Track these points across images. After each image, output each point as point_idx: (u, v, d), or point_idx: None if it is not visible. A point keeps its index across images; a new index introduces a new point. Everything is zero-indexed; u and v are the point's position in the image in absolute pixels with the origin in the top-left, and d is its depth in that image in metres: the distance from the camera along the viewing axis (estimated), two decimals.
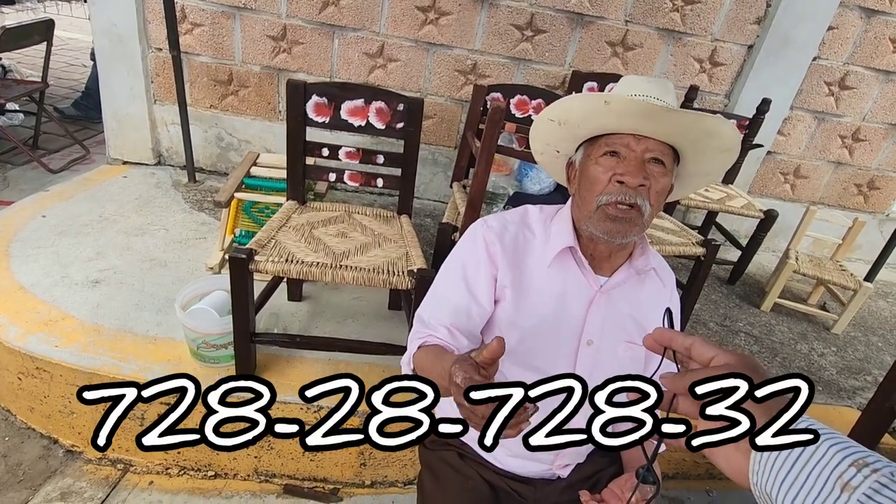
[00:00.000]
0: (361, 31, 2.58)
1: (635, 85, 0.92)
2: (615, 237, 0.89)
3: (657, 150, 0.88)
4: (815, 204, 3.16)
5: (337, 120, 1.64)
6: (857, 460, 0.38)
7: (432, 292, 1.01)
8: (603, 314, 0.97)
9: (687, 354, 0.51)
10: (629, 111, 0.84)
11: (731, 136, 0.86)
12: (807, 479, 0.39)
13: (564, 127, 0.93)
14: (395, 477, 1.67)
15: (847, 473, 0.38)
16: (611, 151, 0.89)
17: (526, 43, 2.64)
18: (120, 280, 1.90)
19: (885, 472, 0.37)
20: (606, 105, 0.84)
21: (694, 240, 2.01)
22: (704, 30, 2.67)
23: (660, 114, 0.83)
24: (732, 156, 0.91)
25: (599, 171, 0.89)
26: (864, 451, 0.39)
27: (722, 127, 0.85)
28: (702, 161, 0.93)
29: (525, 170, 2.03)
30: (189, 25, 2.53)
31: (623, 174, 0.87)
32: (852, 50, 2.76)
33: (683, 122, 0.84)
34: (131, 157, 2.79)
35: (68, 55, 5.44)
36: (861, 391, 2.11)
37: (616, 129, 0.89)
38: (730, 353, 0.48)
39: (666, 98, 0.90)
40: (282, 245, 1.46)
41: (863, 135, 2.99)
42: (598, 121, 0.89)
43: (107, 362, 1.54)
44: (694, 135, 0.87)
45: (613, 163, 0.89)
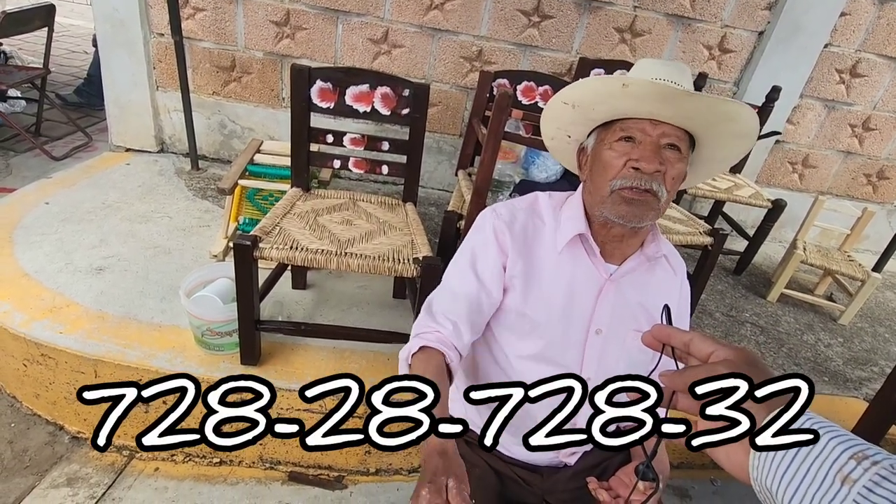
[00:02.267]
0: (365, 17, 2.55)
1: (652, 68, 0.90)
2: (631, 220, 0.87)
3: (673, 135, 0.86)
4: (823, 194, 3.12)
5: (342, 106, 1.62)
6: (856, 453, 0.38)
7: (443, 283, 0.99)
8: (612, 303, 0.96)
9: (686, 350, 0.51)
10: (647, 94, 0.82)
11: (749, 119, 0.84)
12: (807, 473, 0.38)
13: (578, 110, 0.91)
14: (399, 464, 1.68)
15: (847, 466, 0.37)
16: (626, 137, 0.87)
17: (532, 29, 2.60)
18: (124, 267, 1.89)
19: (884, 465, 0.36)
20: (624, 88, 0.82)
21: (701, 229, 1.99)
22: (714, 16, 2.62)
23: (678, 97, 0.81)
24: (750, 141, 0.89)
25: (614, 157, 0.88)
26: (864, 444, 0.38)
27: (742, 110, 0.83)
28: (718, 146, 0.91)
29: (531, 157, 2.01)
30: (191, 10, 2.50)
31: (639, 160, 0.85)
32: (864, 37, 2.71)
33: (702, 105, 0.82)
34: (134, 144, 2.77)
35: (70, 42, 5.40)
36: (868, 382, 2.10)
37: (633, 113, 0.87)
38: (729, 347, 0.47)
39: (683, 82, 0.88)
40: (286, 232, 1.45)
41: (873, 124, 2.95)
42: (614, 104, 0.86)
43: (111, 349, 1.53)
44: (712, 118, 0.84)
45: (629, 148, 0.87)
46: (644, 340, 0.54)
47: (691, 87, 0.89)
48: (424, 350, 0.87)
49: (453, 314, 0.91)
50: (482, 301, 0.94)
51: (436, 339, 0.88)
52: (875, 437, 1.56)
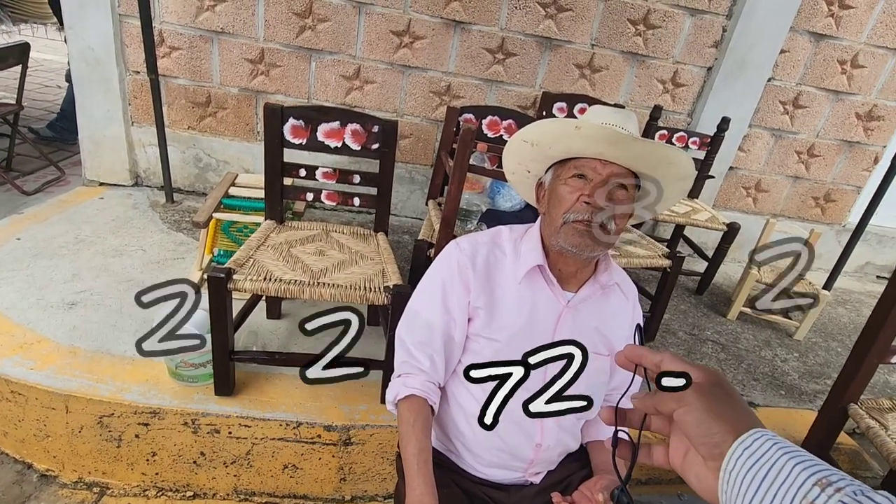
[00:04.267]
0: (338, 55, 2.65)
1: (603, 114, 1.01)
2: (584, 250, 0.96)
3: (621, 174, 0.96)
4: (776, 216, 3.31)
5: (314, 142, 1.69)
6: (820, 479, 0.39)
7: (413, 313, 1.06)
8: (570, 328, 1.04)
9: (657, 370, 0.52)
10: (597, 136, 0.92)
11: (686, 164, 0.96)
12: (773, 498, 0.39)
13: (537, 148, 1.01)
14: (374, 491, 1.69)
15: (812, 493, 0.38)
16: (579, 174, 0.97)
17: (498, 65, 2.75)
18: (97, 301, 1.90)
19: (847, 492, 0.37)
20: (577, 130, 0.92)
21: (660, 252, 2.10)
22: (666, 53, 2.81)
23: (624, 140, 0.91)
24: (688, 183, 1.00)
25: (568, 191, 0.97)
26: (829, 470, 0.40)
27: (679, 156, 0.94)
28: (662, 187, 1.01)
29: (497, 187, 2.10)
30: (167, 49, 2.57)
31: (590, 195, 0.94)
32: (804, 71, 2.94)
33: (644, 149, 0.93)
34: (108, 178, 2.79)
35: (43, 76, 5.39)
36: (821, 395, 2.21)
37: (584, 152, 0.97)
38: (698, 368, 0.49)
39: (628, 127, 0.99)
40: (260, 264, 1.49)
41: (817, 150, 3.16)
42: (569, 144, 0.96)
43: (83, 384, 1.54)
44: (654, 161, 0.95)
45: (581, 184, 0.97)
46: (618, 361, 0.56)
47: (637, 133, 1.00)
48: (410, 399, 0.99)
49: (429, 347, 1.01)
50: (453, 333, 1.03)
51: (419, 384, 1.00)
52: (825, 446, 1.65)
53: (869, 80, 2.98)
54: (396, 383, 1.02)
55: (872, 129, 3.12)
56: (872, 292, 3.40)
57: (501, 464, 1.08)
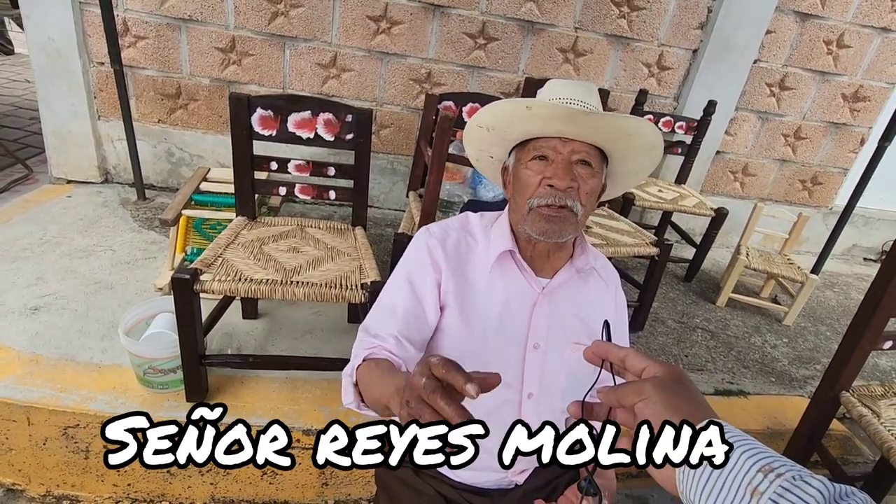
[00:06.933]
0: (313, 42, 2.55)
1: (558, 89, 0.94)
2: (551, 237, 0.90)
3: (583, 151, 0.89)
4: (763, 200, 3.28)
5: (284, 133, 1.60)
6: (763, 466, 0.41)
7: (378, 304, 0.99)
8: (547, 316, 0.98)
9: (622, 366, 0.55)
10: (550, 115, 0.85)
11: (649, 133, 0.88)
12: (723, 487, 0.42)
13: (494, 133, 0.95)
14: (358, 494, 1.64)
15: (755, 479, 0.41)
16: (539, 156, 0.91)
17: (479, 51, 2.66)
18: (62, 306, 1.81)
19: (787, 477, 0.40)
20: (529, 110, 0.85)
21: (647, 240, 2.06)
22: (651, 35, 2.74)
23: (579, 116, 0.84)
24: (657, 153, 0.93)
25: (529, 175, 0.91)
26: (773, 457, 0.42)
27: (641, 126, 0.87)
28: (628, 159, 0.95)
29: (478, 177, 2.04)
30: (132, 38, 2.45)
31: (552, 177, 0.88)
32: (790, 52, 2.89)
33: (602, 123, 0.86)
34: (76, 175, 2.68)
35: (10, 71, 5.20)
36: (811, 380, 2.19)
37: (543, 132, 0.90)
38: (659, 364, 0.53)
39: (589, 100, 0.91)
40: (229, 263, 1.42)
41: (804, 133, 3.13)
42: (524, 125, 0.90)
43: (45, 394, 1.46)
44: (614, 135, 0.88)
45: (542, 166, 0.90)
46: (585, 356, 0.57)
47: (598, 106, 0.93)
48: (370, 360, 0.83)
49: (393, 329, 0.88)
50: (419, 316, 0.93)
51: (381, 351, 0.85)
52: (817, 433, 1.62)
53: (855, 61, 2.95)
54: (353, 360, 0.86)
55: (858, 109, 3.09)
56: (860, 275, 3.40)
57: (483, 465, 1.02)
